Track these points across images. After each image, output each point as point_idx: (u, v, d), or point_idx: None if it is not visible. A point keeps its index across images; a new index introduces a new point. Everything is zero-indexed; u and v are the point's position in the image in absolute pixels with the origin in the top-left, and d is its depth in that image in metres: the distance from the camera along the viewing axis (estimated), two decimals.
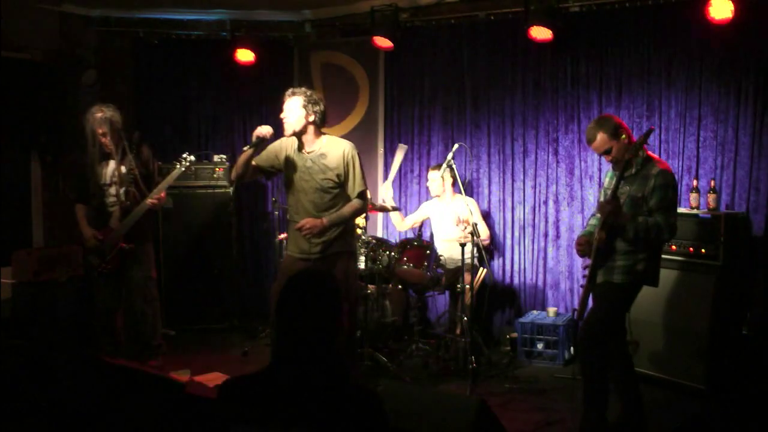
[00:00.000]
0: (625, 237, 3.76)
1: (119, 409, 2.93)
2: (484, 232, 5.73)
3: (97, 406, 2.95)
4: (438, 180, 5.74)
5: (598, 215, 3.98)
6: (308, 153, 4.29)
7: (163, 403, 2.93)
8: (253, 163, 4.34)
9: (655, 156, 3.98)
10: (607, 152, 3.91)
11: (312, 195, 4.27)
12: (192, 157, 5.07)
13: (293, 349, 1.95)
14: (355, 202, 4.33)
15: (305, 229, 4.17)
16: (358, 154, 4.35)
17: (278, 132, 4.35)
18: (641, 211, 3.80)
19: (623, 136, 3.88)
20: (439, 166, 5.67)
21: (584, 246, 3.96)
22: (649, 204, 3.77)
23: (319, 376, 1.93)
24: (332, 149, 4.29)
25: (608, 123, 3.91)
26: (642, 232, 3.72)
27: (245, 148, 4.26)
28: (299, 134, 4.27)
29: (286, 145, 4.37)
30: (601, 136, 3.88)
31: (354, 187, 4.30)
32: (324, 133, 4.37)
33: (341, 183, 4.29)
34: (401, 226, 6.07)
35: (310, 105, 4.22)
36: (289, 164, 4.33)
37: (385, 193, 5.85)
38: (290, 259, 4.38)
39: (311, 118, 4.23)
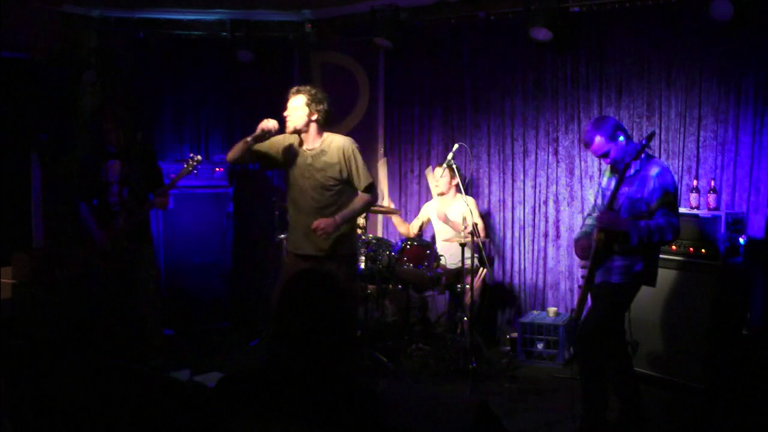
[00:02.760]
0: (629, 243, 3.75)
1: (119, 409, 2.93)
2: (482, 231, 5.73)
3: (97, 406, 2.95)
4: (446, 177, 5.74)
5: (595, 214, 3.98)
6: (309, 150, 4.30)
7: (163, 403, 2.93)
8: (253, 147, 4.32)
9: (654, 156, 3.98)
10: (605, 155, 3.90)
11: (313, 192, 4.27)
12: (199, 157, 5.04)
13: (294, 347, 1.95)
14: (365, 195, 4.34)
15: (320, 229, 4.17)
16: (358, 148, 4.36)
17: (282, 128, 4.35)
18: (641, 212, 3.79)
19: (621, 137, 3.86)
20: (439, 166, 5.67)
21: (585, 249, 3.96)
22: (651, 206, 3.77)
23: (318, 375, 1.94)
24: (332, 146, 4.30)
25: (605, 125, 3.88)
26: (645, 237, 3.71)
27: (248, 138, 4.24)
28: (300, 132, 4.27)
29: (289, 139, 4.37)
30: (598, 139, 3.86)
31: (360, 180, 4.30)
32: (325, 132, 4.38)
33: (344, 179, 4.29)
34: (409, 232, 6.06)
35: (313, 104, 4.22)
36: (290, 160, 4.33)
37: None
38: (292, 258, 4.38)
39: (314, 117, 4.23)
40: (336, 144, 4.31)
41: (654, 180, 3.76)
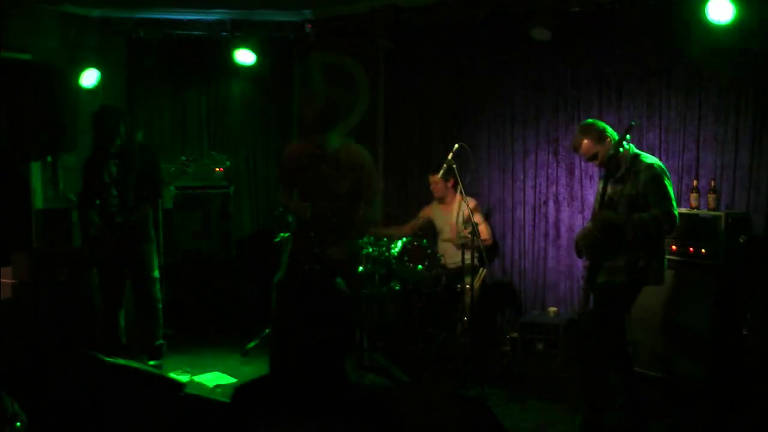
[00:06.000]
0: (626, 238, 3.76)
1: (119, 409, 2.94)
2: (485, 232, 5.72)
3: (97, 406, 2.95)
4: (440, 182, 5.73)
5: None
6: (323, 158, 4.26)
7: (163, 403, 2.93)
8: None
9: (642, 152, 3.98)
10: (593, 157, 3.93)
11: (324, 200, 4.26)
12: (192, 158, 5.07)
13: (301, 354, 1.96)
14: (369, 210, 4.39)
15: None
16: (374, 161, 4.38)
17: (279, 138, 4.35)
18: (640, 208, 3.79)
19: (608, 139, 3.89)
20: (436, 169, 5.60)
21: (584, 247, 3.97)
22: (646, 200, 3.78)
23: (326, 378, 1.95)
24: (347, 156, 4.27)
25: (592, 128, 3.93)
26: (640, 230, 3.72)
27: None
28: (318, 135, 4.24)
29: (299, 152, 4.35)
30: (586, 143, 3.91)
31: (367, 193, 4.33)
32: (336, 138, 4.33)
33: (355, 190, 4.29)
34: (402, 234, 6.04)
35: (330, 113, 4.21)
36: (303, 169, 4.31)
37: None
38: (293, 263, 4.39)
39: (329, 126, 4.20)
40: (351, 154, 4.29)
41: (644, 173, 3.78)
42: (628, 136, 3.84)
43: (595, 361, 3.88)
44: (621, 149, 3.83)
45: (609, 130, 3.96)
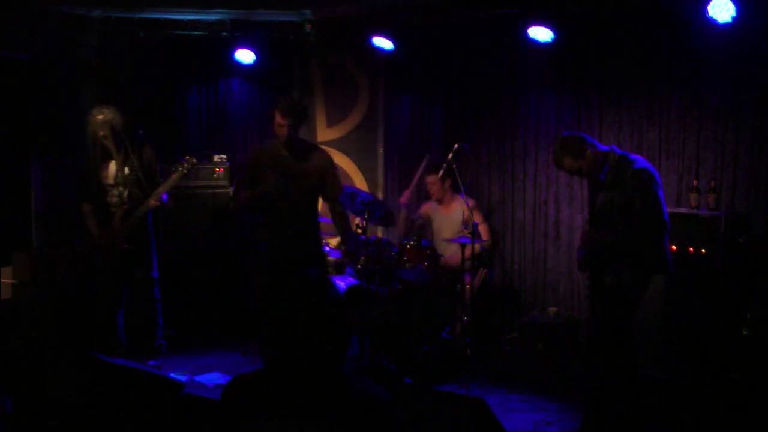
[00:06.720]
0: (623, 254, 3.76)
1: (119, 409, 2.94)
2: (486, 233, 5.71)
3: (97, 406, 2.95)
4: (437, 183, 5.72)
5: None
6: (293, 160, 4.55)
7: (163, 403, 2.94)
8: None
9: (627, 155, 3.96)
10: (579, 172, 3.92)
11: (296, 201, 4.47)
12: (194, 159, 5.08)
13: (289, 348, 1.95)
14: (338, 207, 4.72)
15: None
16: (333, 161, 4.79)
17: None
18: (631, 214, 3.78)
19: (588, 151, 3.86)
20: (436, 169, 5.56)
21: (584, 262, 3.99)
22: (636, 206, 3.76)
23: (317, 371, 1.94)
24: (311, 156, 4.59)
25: (570, 144, 3.90)
26: (632, 242, 3.72)
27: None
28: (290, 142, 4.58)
29: (268, 152, 4.61)
30: (567, 160, 3.89)
31: (335, 190, 4.68)
32: (303, 139, 4.73)
33: (320, 188, 4.62)
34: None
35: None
36: (272, 168, 4.54)
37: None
38: (272, 265, 4.53)
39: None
40: (316, 155, 4.65)
41: (630, 181, 3.77)
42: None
43: (607, 362, 3.88)
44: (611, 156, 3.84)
45: (587, 140, 3.94)
